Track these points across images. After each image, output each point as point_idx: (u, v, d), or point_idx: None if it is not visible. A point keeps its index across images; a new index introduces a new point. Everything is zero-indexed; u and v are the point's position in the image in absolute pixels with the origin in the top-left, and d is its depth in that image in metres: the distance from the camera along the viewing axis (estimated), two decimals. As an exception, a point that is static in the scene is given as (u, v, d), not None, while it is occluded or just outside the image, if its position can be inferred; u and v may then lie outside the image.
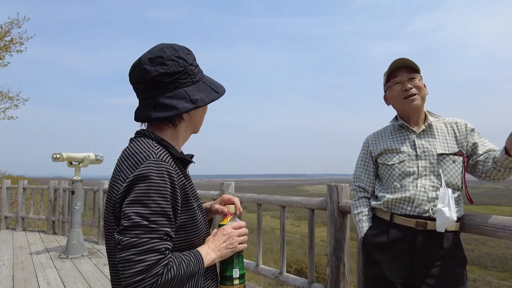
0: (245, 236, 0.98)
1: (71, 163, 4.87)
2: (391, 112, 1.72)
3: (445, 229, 1.40)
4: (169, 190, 0.80)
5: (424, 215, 1.44)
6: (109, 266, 0.90)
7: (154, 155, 0.82)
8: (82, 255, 4.77)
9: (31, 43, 12.64)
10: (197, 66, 0.94)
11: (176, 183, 0.82)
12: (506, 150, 1.29)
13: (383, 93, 1.69)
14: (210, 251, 0.90)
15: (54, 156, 4.64)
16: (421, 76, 1.56)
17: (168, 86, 0.87)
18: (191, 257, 0.83)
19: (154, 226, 0.75)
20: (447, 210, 1.35)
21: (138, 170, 0.79)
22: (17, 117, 12.86)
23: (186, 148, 1.13)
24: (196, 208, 0.91)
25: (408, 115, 1.59)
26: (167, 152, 0.87)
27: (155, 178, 0.78)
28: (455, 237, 1.47)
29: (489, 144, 1.51)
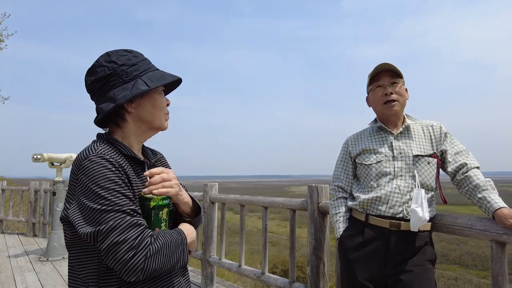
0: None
1: (52, 164, 4.77)
2: (374, 114, 1.76)
3: (418, 229, 1.44)
4: (117, 174, 0.83)
5: (398, 216, 1.48)
6: (68, 265, 0.91)
7: (94, 151, 0.85)
8: (63, 257, 4.68)
9: (12, 40, 12.28)
10: (133, 65, 0.93)
11: (120, 169, 0.85)
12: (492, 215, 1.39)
13: (366, 95, 1.72)
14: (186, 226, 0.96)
15: (35, 156, 4.53)
16: (403, 82, 1.60)
17: (101, 91, 0.92)
18: (172, 231, 0.89)
19: (118, 207, 0.79)
20: (420, 210, 1.40)
21: (82, 167, 0.83)
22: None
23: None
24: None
25: (388, 119, 1.63)
26: (115, 149, 0.90)
27: (98, 168, 0.81)
28: (427, 236, 1.52)
29: (459, 146, 1.57)
